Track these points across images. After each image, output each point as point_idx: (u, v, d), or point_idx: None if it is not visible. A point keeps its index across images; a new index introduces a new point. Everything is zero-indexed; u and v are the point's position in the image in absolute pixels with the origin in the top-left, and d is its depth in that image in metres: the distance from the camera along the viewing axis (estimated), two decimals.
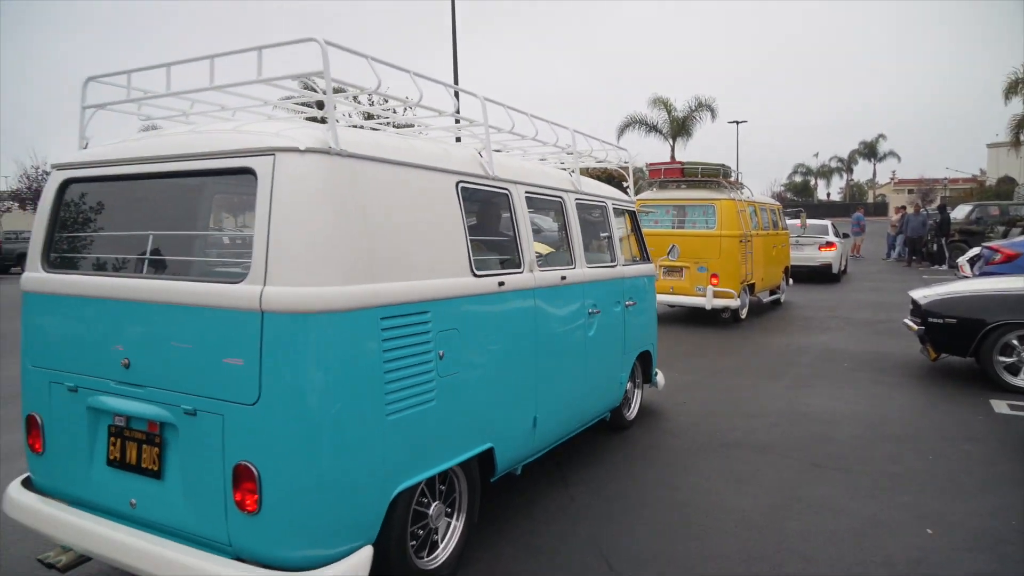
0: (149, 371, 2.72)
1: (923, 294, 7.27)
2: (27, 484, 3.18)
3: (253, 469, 2.46)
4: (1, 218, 41.49)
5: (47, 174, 32.47)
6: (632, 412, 5.62)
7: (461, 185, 3.34)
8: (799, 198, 74.39)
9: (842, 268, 17.69)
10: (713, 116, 38.37)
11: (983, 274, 10.03)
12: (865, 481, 4.39)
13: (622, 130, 39.55)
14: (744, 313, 10.85)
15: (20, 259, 25.61)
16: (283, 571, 2.43)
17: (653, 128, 38.71)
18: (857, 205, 32.12)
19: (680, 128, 38.60)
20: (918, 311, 7.11)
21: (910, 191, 70.09)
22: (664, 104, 38.67)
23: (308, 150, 2.56)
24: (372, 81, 3.01)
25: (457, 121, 3.88)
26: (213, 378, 2.56)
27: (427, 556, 3.17)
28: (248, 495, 2.47)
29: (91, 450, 2.93)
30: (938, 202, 31.90)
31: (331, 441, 2.54)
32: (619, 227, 5.23)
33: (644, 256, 5.64)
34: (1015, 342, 6.42)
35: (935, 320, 6.78)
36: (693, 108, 38.51)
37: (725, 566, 3.35)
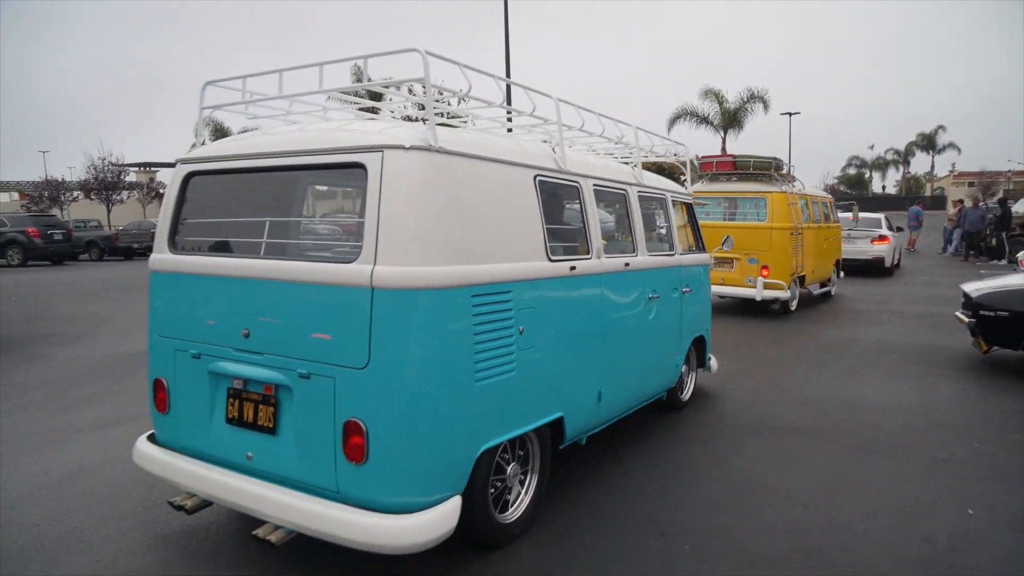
0: (267, 340, 3.15)
1: (975, 287, 7.33)
2: (151, 440, 3.71)
3: (362, 425, 2.85)
4: (69, 207, 43.29)
5: (113, 165, 33.82)
6: (687, 394, 5.93)
7: (538, 178, 3.68)
8: (853, 191, 72.92)
9: (895, 262, 17.51)
10: (766, 108, 37.89)
11: None
12: (910, 466, 4.56)
13: (672, 122, 39.35)
14: (794, 305, 10.94)
15: (88, 246, 26.74)
16: (386, 514, 2.82)
17: (704, 120, 38.42)
18: (915, 199, 31.53)
19: (732, 120, 38.23)
20: (969, 304, 7.18)
21: (970, 184, 68.19)
22: (715, 96, 38.33)
23: (412, 147, 2.93)
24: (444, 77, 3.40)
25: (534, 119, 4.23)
26: (327, 346, 2.95)
27: (504, 512, 3.54)
28: (356, 448, 2.86)
29: (211, 410, 3.38)
30: (1000, 195, 31.09)
31: (429, 401, 2.93)
32: (677, 218, 5.52)
33: (700, 246, 5.93)
34: None
35: (987, 313, 6.85)
36: (745, 100, 38.08)
37: (772, 538, 3.59)
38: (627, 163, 5.14)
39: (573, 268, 3.84)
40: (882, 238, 16.54)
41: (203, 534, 3.69)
